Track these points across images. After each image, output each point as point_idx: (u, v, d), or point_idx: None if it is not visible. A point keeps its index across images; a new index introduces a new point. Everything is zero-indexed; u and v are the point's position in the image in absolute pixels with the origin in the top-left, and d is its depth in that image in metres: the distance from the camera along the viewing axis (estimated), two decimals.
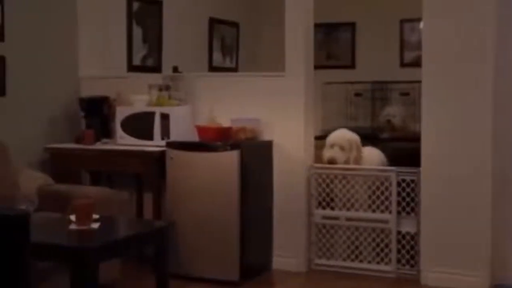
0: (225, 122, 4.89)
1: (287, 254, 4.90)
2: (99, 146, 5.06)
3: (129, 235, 3.31)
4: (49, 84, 5.26)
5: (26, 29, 5.09)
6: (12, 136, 4.82)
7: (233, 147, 4.58)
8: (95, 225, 3.32)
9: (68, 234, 3.24)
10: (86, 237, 3.20)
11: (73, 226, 3.28)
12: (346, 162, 4.89)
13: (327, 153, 4.94)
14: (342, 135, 5.02)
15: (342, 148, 4.92)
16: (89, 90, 5.42)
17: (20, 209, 1.81)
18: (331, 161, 4.89)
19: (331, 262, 4.90)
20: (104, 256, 3.08)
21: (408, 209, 4.69)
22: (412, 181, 4.65)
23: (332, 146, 4.96)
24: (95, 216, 3.44)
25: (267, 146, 4.89)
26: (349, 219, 4.85)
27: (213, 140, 4.72)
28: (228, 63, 7.53)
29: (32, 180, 4.58)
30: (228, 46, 7.54)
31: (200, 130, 4.84)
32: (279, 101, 4.90)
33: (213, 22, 7.25)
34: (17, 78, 4.99)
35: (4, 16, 4.88)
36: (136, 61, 6.15)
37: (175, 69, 5.44)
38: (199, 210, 4.63)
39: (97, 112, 5.26)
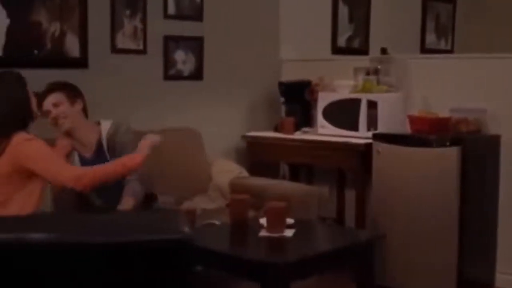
0: (442, 112, 4.18)
1: None
2: (298, 135, 4.61)
3: (328, 250, 2.75)
4: (248, 67, 4.91)
5: (226, 8, 4.76)
6: (207, 123, 4.56)
7: (453, 142, 3.87)
8: (289, 233, 2.83)
9: (257, 243, 2.78)
10: (276, 249, 2.73)
11: (263, 233, 2.83)
12: None
13: None
14: None
15: None
16: (290, 74, 5.00)
17: (180, 231, 1.34)
18: None
19: None
20: (297, 273, 2.57)
21: None
22: None
23: None
24: (290, 221, 2.96)
25: (494, 142, 4.11)
26: None
27: (428, 132, 4.04)
28: (442, 45, 6.73)
29: (226, 172, 4.25)
30: (443, 26, 6.74)
31: (413, 120, 4.18)
32: (510, 87, 4.10)
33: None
34: (215, 61, 4.69)
35: None
36: (341, 42, 5.63)
37: (384, 51, 4.81)
38: (410, 214, 3.98)
39: (297, 97, 4.80)
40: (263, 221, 2.91)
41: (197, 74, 4.62)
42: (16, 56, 3.72)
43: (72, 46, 3.96)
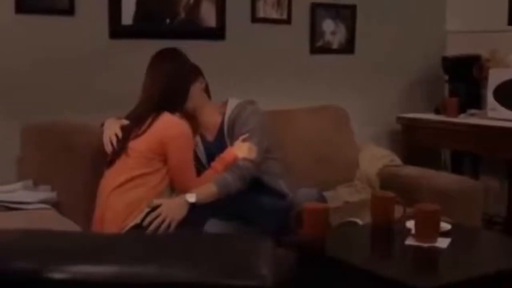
0: None
1: None
2: (463, 119, 4.01)
3: (493, 271, 2.14)
4: (407, 40, 4.35)
5: None
6: (357, 102, 4.09)
7: None
8: (443, 243, 2.29)
9: (401, 255, 2.26)
10: (426, 265, 2.19)
11: (410, 241, 2.30)
12: None
13: None
14: None
15: None
16: (456, 48, 4.38)
17: (257, 275, 0.90)
18: None
19: None
20: None
21: None
22: None
23: None
24: (445, 226, 2.41)
25: None
26: None
27: None
28: None
29: (375, 159, 3.72)
30: None
31: None
32: None
33: None
34: (368, 32, 4.19)
35: None
36: None
37: None
38: None
39: (464, 75, 4.20)
40: (410, 224, 2.39)
41: (347, 47, 4.13)
42: (147, 25, 3.44)
43: (208, 15, 3.60)
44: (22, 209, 2.54)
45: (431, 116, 4.15)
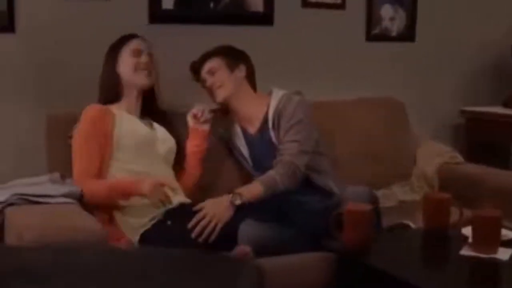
0: None
1: None
2: None
3: None
4: (472, 26, 4.03)
5: None
6: (416, 93, 3.82)
7: None
8: (504, 254, 2.01)
9: (455, 268, 1.99)
10: (483, 281, 1.91)
11: (466, 251, 2.03)
12: None
13: None
14: None
15: None
16: None
17: None
18: None
19: None
20: None
21: None
22: None
23: None
24: (508, 234, 2.12)
25: None
26: None
27: None
28: None
29: (434, 155, 3.43)
30: None
31: None
32: None
33: None
34: (430, 18, 3.89)
35: None
36: None
37: None
38: None
39: None
40: (467, 231, 2.11)
41: (407, 34, 3.85)
42: (189, 9, 3.25)
43: None
44: (43, 202, 2.38)
45: (499, 110, 3.87)
